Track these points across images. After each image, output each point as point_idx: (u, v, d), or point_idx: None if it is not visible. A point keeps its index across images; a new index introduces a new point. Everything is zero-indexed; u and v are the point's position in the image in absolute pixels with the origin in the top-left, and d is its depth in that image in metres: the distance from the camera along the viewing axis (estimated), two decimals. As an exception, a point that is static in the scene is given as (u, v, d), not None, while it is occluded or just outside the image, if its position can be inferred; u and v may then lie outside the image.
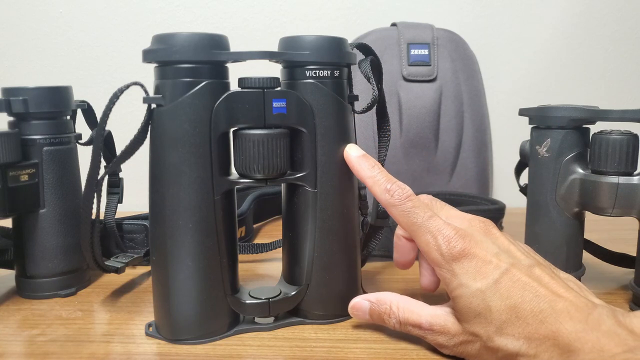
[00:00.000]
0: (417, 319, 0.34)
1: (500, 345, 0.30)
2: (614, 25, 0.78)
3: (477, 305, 0.31)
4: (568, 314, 0.28)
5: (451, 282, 0.32)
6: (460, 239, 0.32)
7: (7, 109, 0.42)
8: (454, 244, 0.32)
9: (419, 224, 0.34)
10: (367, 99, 0.39)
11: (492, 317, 0.30)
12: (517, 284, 0.30)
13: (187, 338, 0.36)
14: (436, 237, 0.33)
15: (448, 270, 0.32)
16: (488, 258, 0.32)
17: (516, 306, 0.29)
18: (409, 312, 0.34)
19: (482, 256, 0.32)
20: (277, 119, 0.36)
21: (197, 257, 0.35)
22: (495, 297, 0.30)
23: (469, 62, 0.70)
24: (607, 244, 0.49)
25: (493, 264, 0.31)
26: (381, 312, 0.36)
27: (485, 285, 0.31)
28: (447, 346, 0.33)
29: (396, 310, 0.35)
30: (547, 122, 0.42)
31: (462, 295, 0.31)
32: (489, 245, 0.33)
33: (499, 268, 0.31)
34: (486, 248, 0.32)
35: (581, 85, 0.80)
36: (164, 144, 0.34)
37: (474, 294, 0.31)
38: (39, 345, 0.36)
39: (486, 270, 0.31)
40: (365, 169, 0.36)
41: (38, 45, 0.76)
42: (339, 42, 0.37)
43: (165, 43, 0.34)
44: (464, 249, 0.32)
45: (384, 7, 0.77)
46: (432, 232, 0.33)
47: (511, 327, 0.29)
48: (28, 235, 0.44)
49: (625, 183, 0.40)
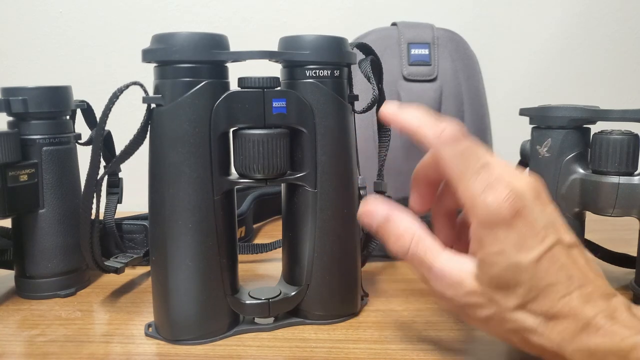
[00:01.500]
0: (429, 259, 0.30)
1: (517, 318, 0.28)
2: (614, 25, 0.78)
3: (510, 277, 0.28)
4: (593, 300, 0.28)
5: (489, 246, 0.29)
6: (513, 200, 0.28)
7: (6, 108, 0.42)
8: (506, 204, 0.28)
9: (470, 170, 0.29)
10: (367, 98, 0.39)
11: (520, 292, 0.28)
12: (556, 263, 0.28)
13: (187, 338, 0.36)
14: (487, 191, 0.29)
15: (490, 232, 0.29)
16: (537, 229, 0.28)
17: (548, 286, 0.28)
18: (423, 248, 0.31)
19: (531, 225, 0.28)
20: (277, 118, 0.36)
21: (197, 257, 0.35)
22: (532, 275, 0.28)
23: (470, 62, 0.70)
24: (607, 244, 0.49)
25: (539, 237, 0.28)
26: (391, 232, 0.32)
27: (527, 260, 0.28)
28: (452, 301, 0.30)
29: (409, 238, 0.31)
30: (547, 122, 0.42)
31: (497, 263, 0.28)
32: (538, 213, 0.29)
33: (544, 243, 0.28)
34: (536, 216, 0.29)
35: (581, 85, 0.80)
36: (163, 144, 0.34)
37: (511, 267, 0.28)
38: (39, 346, 0.36)
39: (531, 243, 0.28)
40: (408, 112, 0.32)
41: (38, 45, 0.76)
42: (339, 41, 0.37)
43: (164, 43, 0.34)
44: (515, 212, 0.28)
45: (384, 7, 0.77)
46: (482, 182, 0.29)
47: (536, 304, 0.28)
48: (27, 236, 0.44)
49: (625, 183, 0.39)
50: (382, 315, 0.40)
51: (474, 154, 0.30)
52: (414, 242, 0.31)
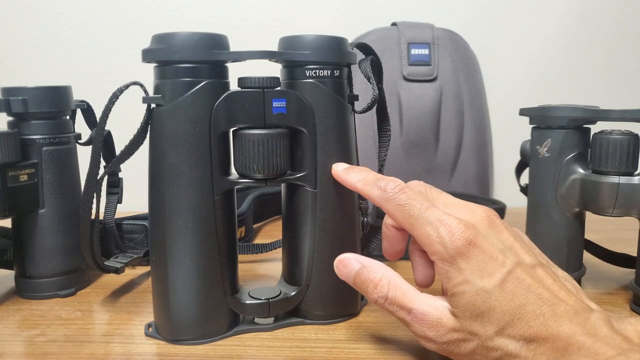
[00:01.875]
0: (408, 303, 0.31)
1: (499, 345, 0.29)
2: (614, 25, 0.78)
3: (480, 304, 0.29)
4: (568, 318, 0.28)
5: (454, 278, 0.30)
6: (465, 230, 0.30)
7: (6, 108, 0.42)
8: (458, 235, 0.30)
9: (416, 216, 0.31)
10: (367, 98, 0.39)
11: (494, 317, 0.29)
12: (521, 284, 0.29)
13: (187, 338, 0.36)
14: (438, 228, 0.30)
15: (452, 265, 0.30)
16: (494, 254, 0.30)
17: (519, 307, 0.29)
18: (401, 292, 0.32)
19: (488, 251, 0.30)
20: (277, 118, 0.36)
21: (197, 257, 0.35)
22: (500, 298, 0.29)
23: (469, 62, 0.70)
24: (607, 244, 0.49)
25: (499, 261, 0.30)
26: (369, 279, 0.33)
27: (491, 284, 0.29)
28: (435, 341, 0.31)
29: (386, 284, 0.32)
30: (547, 122, 0.42)
31: (465, 292, 0.30)
32: (493, 239, 0.31)
33: (504, 266, 0.30)
34: (492, 242, 0.30)
35: (581, 85, 0.80)
36: (163, 144, 0.34)
37: (479, 292, 0.29)
38: (39, 346, 0.36)
39: (492, 268, 0.30)
40: (353, 175, 0.35)
41: (38, 45, 0.76)
42: (339, 41, 0.37)
43: (164, 43, 0.34)
44: (469, 241, 0.30)
45: (384, 7, 0.77)
46: (432, 223, 0.31)
47: (513, 328, 0.29)
48: (27, 236, 0.44)
49: (625, 183, 0.39)
50: (382, 315, 0.40)
51: (416, 200, 0.32)
52: (392, 287, 0.32)
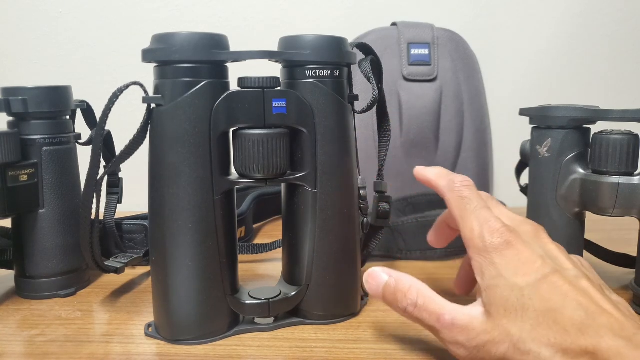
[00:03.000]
0: (437, 309, 0.31)
1: (532, 349, 0.27)
2: (614, 25, 0.78)
3: (514, 300, 0.28)
4: (611, 330, 0.26)
5: (488, 271, 0.30)
6: (506, 232, 0.31)
7: (6, 108, 0.42)
8: (498, 234, 0.30)
9: (470, 210, 0.33)
10: (367, 99, 0.39)
11: (527, 316, 0.28)
12: (558, 289, 0.28)
13: (187, 338, 0.36)
14: (482, 225, 0.31)
15: (486, 259, 0.30)
16: (532, 258, 0.30)
17: (555, 310, 0.27)
18: (430, 300, 0.32)
19: (526, 254, 0.30)
20: (277, 118, 0.36)
21: (197, 257, 0.35)
22: (534, 297, 0.28)
23: (469, 62, 0.70)
24: (607, 244, 0.49)
25: (536, 265, 0.29)
26: (398, 289, 0.33)
27: (525, 282, 0.29)
28: (465, 346, 0.30)
29: (415, 292, 0.32)
30: (547, 122, 0.42)
31: (498, 286, 0.29)
32: (535, 247, 0.31)
33: (541, 270, 0.29)
34: (532, 248, 0.30)
35: (581, 85, 0.80)
36: (163, 144, 0.34)
37: (512, 288, 0.29)
38: (39, 346, 0.36)
39: (528, 269, 0.29)
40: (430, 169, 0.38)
41: (38, 45, 0.76)
42: (339, 41, 0.37)
43: (165, 43, 0.34)
44: (508, 242, 0.30)
45: (384, 7, 0.77)
46: (479, 220, 0.32)
47: (547, 331, 0.27)
48: (27, 236, 0.44)
49: (625, 183, 0.39)
50: (382, 315, 0.40)
51: (475, 199, 0.33)
52: (421, 295, 0.32)
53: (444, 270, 0.50)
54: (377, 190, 0.43)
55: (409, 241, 0.53)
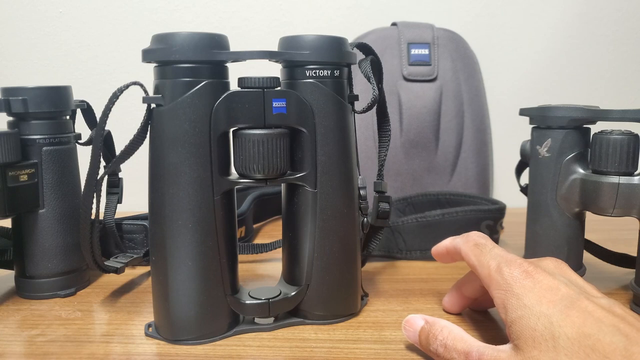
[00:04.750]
0: (466, 347, 0.31)
1: None
2: (614, 25, 0.78)
3: (542, 329, 0.27)
4: None
5: (510, 304, 0.29)
6: (524, 263, 0.30)
7: (6, 108, 0.42)
8: (517, 265, 0.30)
9: (485, 252, 0.34)
10: (367, 98, 0.39)
11: (559, 345, 0.26)
12: (591, 315, 0.26)
13: (187, 338, 0.36)
14: (499, 262, 0.32)
15: (507, 292, 0.29)
16: (556, 285, 0.28)
17: (591, 336, 0.25)
18: (459, 339, 0.32)
19: (548, 282, 0.29)
20: (277, 118, 0.36)
21: (197, 257, 0.35)
22: (564, 324, 0.26)
23: (469, 62, 0.70)
24: (607, 244, 0.49)
25: (561, 292, 0.28)
26: (431, 332, 0.33)
27: (552, 310, 0.27)
28: None
29: (447, 334, 0.32)
30: (547, 122, 0.42)
31: (523, 316, 0.28)
32: (557, 275, 0.30)
33: (568, 296, 0.27)
34: (554, 276, 0.29)
35: (581, 85, 0.80)
36: (163, 144, 0.34)
37: (539, 316, 0.27)
38: (39, 346, 0.36)
39: (553, 296, 0.28)
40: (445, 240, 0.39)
41: (38, 45, 0.76)
42: (339, 41, 0.37)
43: (164, 43, 0.34)
44: (528, 272, 0.30)
45: (384, 7, 0.77)
46: (496, 258, 0.32)
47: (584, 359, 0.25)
48: (27, 236, 0.44)
49: (625, 183, 0.39)
50: (382, 315, 0.40)
51: (491, 243, 0.35)
52: (451, 337, 0.32)
53: (444, 270, 0.50)
54: (377, 190, 0.43)
55: (409, 241, 0.53)
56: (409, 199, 0.62)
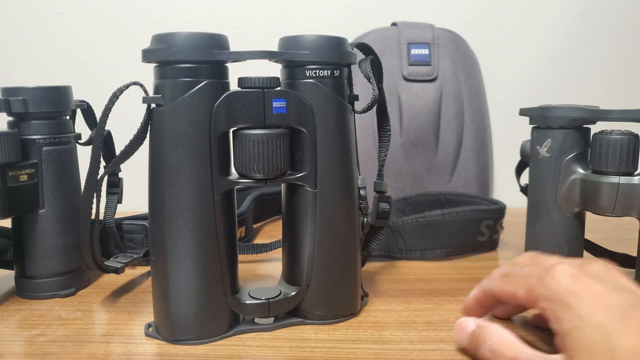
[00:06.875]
0: (514, 353, 0.30)
1: None
2: (614, 25, 0.78)
3: (599, 341, 0.25)
4: None
5: (564, 315, 0.28)
6: (568, 268, 0.29)
7: (6, 108, 0.42)
8: (563, 274, 0.29)
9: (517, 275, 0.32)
10: (367, 98, 0.39)
11: (618, 357, 0.25)
12: None
13: (187, 338, 0.36)
14: (537, 274, 0.30)
15: (557, 302, 0.28)
16: (606, 292, 0.27)
17: None
18: (508, 344, 0.31)
19: (596, 288, 0.27)
20: (277, 118, 0.36)
21: (197, 257, 0.35)
22: (622, 335, 0.25)
23: (469, 62, 0.70)
24: (607, 244, 0.49)
25: (613, 298, 0.27)
26: (481, 336, 0.32)
27: (608, 319, 0.26)
28: None
29: (497, 339, 0.31)
30: (547, 122, 0.42)
31: (579, 328, 0.26)
32: (606, 280, 0.28)
33: (622, 304, 0.26)
34: (603, 282, 0.28)
35: (582, 85, 0.80)
36: (163, 144, 0.34)
37: (595, 327, 0.26)
38: (39, 346, 0.36)
39: (606, 304, 0.26)
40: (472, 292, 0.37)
41: (38, 45, 0.76)
42: (339, 41, 0.37)
43: (164, 43, 0.34)
44: (575, 278, 0.28)
45: (384, 7, 0.77)
46: (528, 274, 0.31)
47: None
48: (27, 236, 0.44)
49: (625, 183, 0.39)
50: (382, 315, 0.40)
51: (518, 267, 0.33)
52: (501, 341, 0.31)
53: (444, 270, 0.50)
54: (377, 190, 0.43)
55: (409, 241, 0.53)
56: (409, 199, 0.62)
